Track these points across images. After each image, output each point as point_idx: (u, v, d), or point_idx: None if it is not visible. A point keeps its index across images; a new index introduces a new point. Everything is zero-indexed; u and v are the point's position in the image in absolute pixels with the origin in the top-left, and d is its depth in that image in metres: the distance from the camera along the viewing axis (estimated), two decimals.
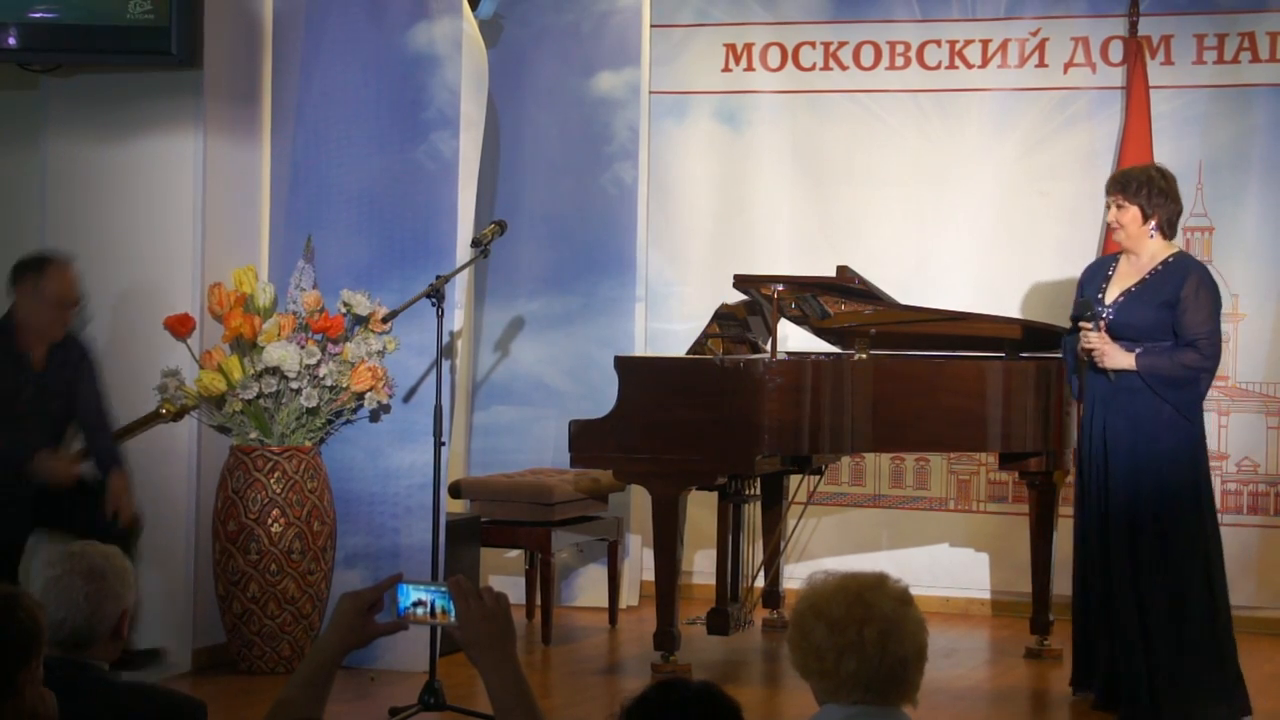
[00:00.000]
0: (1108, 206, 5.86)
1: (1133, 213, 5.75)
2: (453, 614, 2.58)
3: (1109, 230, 5.96)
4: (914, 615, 2.63)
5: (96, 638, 3.15)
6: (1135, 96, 7.34)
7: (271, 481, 6.09)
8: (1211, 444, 7.30)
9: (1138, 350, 5.65)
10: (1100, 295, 5.77)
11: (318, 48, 6.45)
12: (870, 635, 2.57)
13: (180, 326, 6.11)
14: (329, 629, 2.70)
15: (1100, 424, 5.70)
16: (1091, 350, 5.68)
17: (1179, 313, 5.66)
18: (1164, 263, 5.77)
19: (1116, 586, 5.60)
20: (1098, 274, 5.88)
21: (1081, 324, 5.72)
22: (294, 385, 6.12)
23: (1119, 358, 5.66)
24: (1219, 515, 5.94)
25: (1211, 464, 7.29)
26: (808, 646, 2.60)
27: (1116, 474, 5.64)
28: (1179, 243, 7.29)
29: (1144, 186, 5.75)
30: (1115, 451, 5.66)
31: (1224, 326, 7.33)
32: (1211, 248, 7.39)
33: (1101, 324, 5.70)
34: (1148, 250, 5.78)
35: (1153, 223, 5.75)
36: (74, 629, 3.12)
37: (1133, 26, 7.44)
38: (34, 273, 5.68)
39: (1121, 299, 5.72)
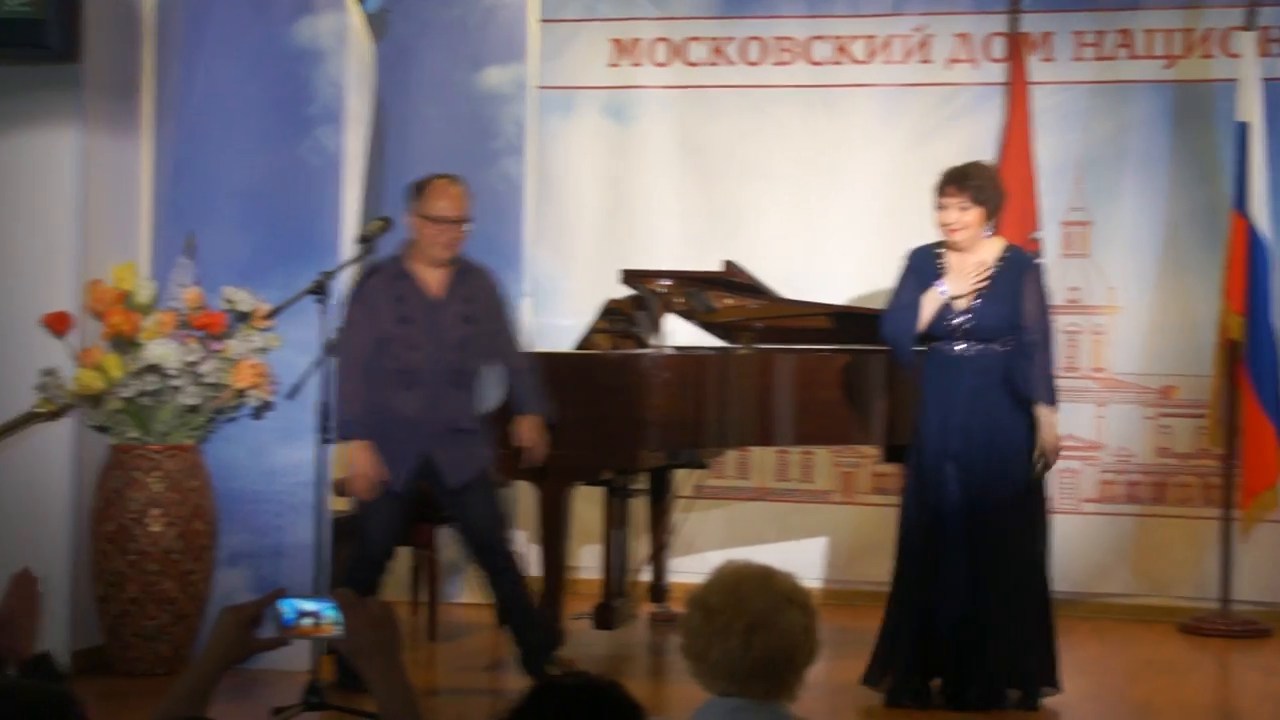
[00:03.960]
0: (943, 206, 5.69)
1: (977, 213, 5.66)
2: (339, 625, 2.55)
3: (947, 230, 5.69)
4: (793, 617, 2.64)
5: None
6: (1016, 92, 7.44)
7: (151, 481, 6.01)
8: (1088, 434, 7.47)
9: (1038, 402, 5.65)
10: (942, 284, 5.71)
11: (200, 41, 6.37)
12: (737, 627, 2.61)
13: (58, 324, 6.01)
14: (210, 643, 2.66)
15: (959, 419, 5.67)
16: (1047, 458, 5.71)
17: (1020, 301, 5.65)
18: (1003, 258, 5.73)
19: (965, 579, 5.66)
20: (928, 262, 5.77)
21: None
22: (175, 383, 6.05)
23: (1051, 429, 5.68)
24: (1099, 504, 6.04)
25: (1088, 454, 7.49)
26: (686, 630, 2.67)
27: (975, 468, 5.65)
28: (1055, 236, 7.46)
29: (987, 186, 5.69)
30: (973, 446, 5.65)
31: (1099, 319, 7.51)
32: (1089, 241, 7.51)
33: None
34: (981, 248, 5.73)
35: (990, 222, 5.74)
36: None
37: (1014, 23, 7.54)
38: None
39: (979, 301, 5.68)
